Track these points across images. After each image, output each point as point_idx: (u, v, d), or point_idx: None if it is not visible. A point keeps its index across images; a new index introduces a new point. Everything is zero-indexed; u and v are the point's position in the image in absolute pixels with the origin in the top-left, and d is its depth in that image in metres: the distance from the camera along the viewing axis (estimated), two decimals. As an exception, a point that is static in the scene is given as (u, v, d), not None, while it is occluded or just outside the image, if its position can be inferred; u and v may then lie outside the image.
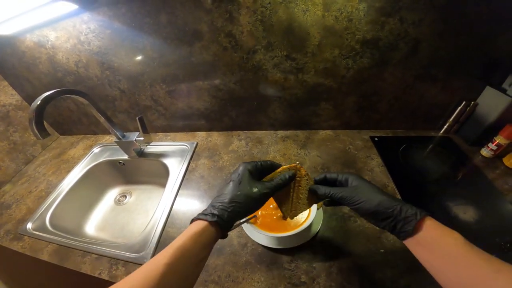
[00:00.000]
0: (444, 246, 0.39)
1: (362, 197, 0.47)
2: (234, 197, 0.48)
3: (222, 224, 0.46)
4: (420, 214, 0.42)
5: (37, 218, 0.98)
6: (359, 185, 0.50)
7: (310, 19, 0.82)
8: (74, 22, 0.95)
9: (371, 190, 0.48)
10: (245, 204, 0.48)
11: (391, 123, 1.10)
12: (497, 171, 0.89)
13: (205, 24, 0.88)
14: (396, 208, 0.43)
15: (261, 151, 1.11)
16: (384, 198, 0.45)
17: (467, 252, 0.37)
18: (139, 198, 1.23)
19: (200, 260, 0.44)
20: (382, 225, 0.45)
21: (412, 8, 0.75)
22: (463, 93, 0.95)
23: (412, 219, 0.42)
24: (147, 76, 1.08)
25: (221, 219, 0.46)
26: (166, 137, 1.32)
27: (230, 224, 0.47)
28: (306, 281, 0.66)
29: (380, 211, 0.44)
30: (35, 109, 0.74)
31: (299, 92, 1.02)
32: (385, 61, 0.88)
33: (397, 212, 0.43)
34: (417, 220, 0.41)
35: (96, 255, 0.82)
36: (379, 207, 0.45)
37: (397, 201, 0.45)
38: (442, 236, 0.41)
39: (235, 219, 0.48)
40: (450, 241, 0.39)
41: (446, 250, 0.39)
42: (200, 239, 0.44)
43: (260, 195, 0.49)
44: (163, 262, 0.39)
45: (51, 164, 1.29)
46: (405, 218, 0.42)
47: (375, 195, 0.46)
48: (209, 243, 0.45)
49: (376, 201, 0.45)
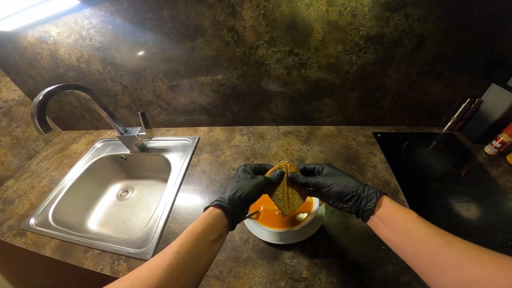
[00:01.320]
0: (400, 221, 0.43)
1: (332, 180, 0.52)
2: (235, 186, 0.54)
3: (226, 206, 0.50)
4: (379, 192, 0.48)
5: (40, 213, 0.98)
6: (331, 172, 0.56)
7: (313, 14, 0.81)
8: (76, 17, 0.95)
9: (340, 175, 0.54)
10: (245, 190, 0.52)
11: (394, 119, 1.09)
12: (501, 169, 0.88)
13: (207, 19, 0.87)
14: (360, 187, 0.49)
15: (263, 146, 1.11)
16: (350, 180, 0.51)
17: (420, 226, 0.41)
18: (141, 193, 1.23)
19: (211, 242, 0.46)
20: (349, 206, 0.50)
21: (418, 4, 0.74)
22: (468, 90, 0.94)
23: (373, 196, 0.47)
24: (149, 71, 1.08)
25: (224, 202, 0.51)
26: (168, 132, 1.32)
27: (235, 208, 0.51)
28: (307, 276, 0.66)
29: (347, 191, 0.50)
30: (37, 104, 0.74)
31: (302, 88, 1.02)
32: (389, 57, 0.87)
33: (360, 191, 0.49)
34: (377, 197, 0.47)
35: (98, 250, 0.82)
36: (346, 188, 0.50)
37: (361, 183, 0.51)
38: (398, 212, 0.45)
39: (238, 205, 0.51)
40: (405, 216, 0.44)
41: (402, 225, 0.43)
42: (208, 221, 0.48)
43: (257, 182, 0.55)
44: (177, 243, 0.44)
45: (54, 159, 1.30)
46: (367, 196, 0.48)
47: (343, 179, 0.52)
48: (217, 226, 0.48)
49: (344, 183, 0.51)
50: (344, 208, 0.52)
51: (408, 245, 0.41)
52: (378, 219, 0.46)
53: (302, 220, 0.69)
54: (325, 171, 0.57)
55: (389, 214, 0.45)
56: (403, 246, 0.42)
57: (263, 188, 0.56)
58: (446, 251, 0.37)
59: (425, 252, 0.39)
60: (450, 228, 0.70)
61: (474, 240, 0.66)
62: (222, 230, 0.49)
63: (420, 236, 0.40)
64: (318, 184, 0.54)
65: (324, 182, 0.53)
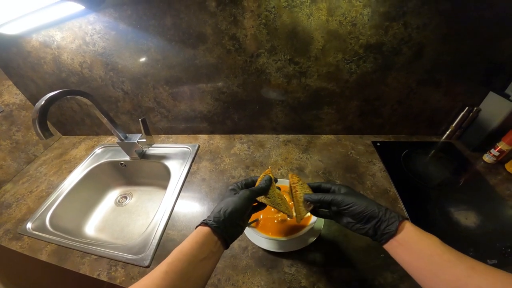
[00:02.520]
0: (422, 246, 0.43)
1: (352, 200, 0.51)
2: (221, 204, 0.54)
3: (212, 223, 0.50)
4: (401, 216, 0.47)
5: (37, 218, 0.98)
6: (349, 192, 0.55)
7: (314, 23, 0.82)
8: (80, 22, 0.96)
9: (359, 196, 0.53)
10: (230, 206, 0.52)
11: (393, 128, 1.10)
12: (499, 177, 0.88)
13: (209, 27, 0.88)
14: (381, 210, 0.48)
15: (263, 154, 1.11)
16: (371, 202, 0.51)
17: (442, 252, 0.41)
18: (140, 200, 1.23)
19: (200, 261, 0.46)
20: (366, 228, 0.50)
21: (417, 12, 0.75)
22: (466, 98, 0.95)
23: (395, 220, 0.46)
24: (150, 78, 1.09)
25: (210, 220, 0.51)
26: (168, 139, 1.33)
27: (222, 225, 0.50)
28: (306, 285, 0.66)
29: (368, 213, 0.49)
30: (39, 109, 0.74)
31: (302, 96, 1.03)
32: (389, 66, 0.88)
33: (382, 214, 0.48)
34: (399, 221, 0.46)
35: (96, 256, 0.81)
36: (366, 209, 0.49)
37: (382, 206, 0.50)
38: (420, 237, 0.44)
39: (225, 221, 0.51)
40: (428, 241, 0.43)
41: (424, 250, 0.42)
42: (196, 240, 0.48)
43: (240, 196, 0.54)
44: (166, 262, 0.44)
45: (53, 164, 1.29)
46: (388, 219, 0.47)
47: (363, 200, 0.51)
48: (205, 244, 0.48)
49: (365, 204, 0.50)
50: (360, 230, 0.51)
51: (428, 270, 0.41)
52: (397, 242, 0.46)
53: (301, 228, 0.68)
54: (343, 191, 0.56)
55: (410, 238, 0.45)
56: (422, 270, 0.42)
57: (249, 200, 0.55)
58: (467, 276, 0.36)
59: (446, 277, 0.38)
60: (449, 236, 0.71)
61: (473, 247, 0.66)
62: (213, 248, 0.48)
63: (442, 261, 0.40)
64: (335, 201, 0.53)
65: (343, 200, 0.52)
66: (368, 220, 0.49)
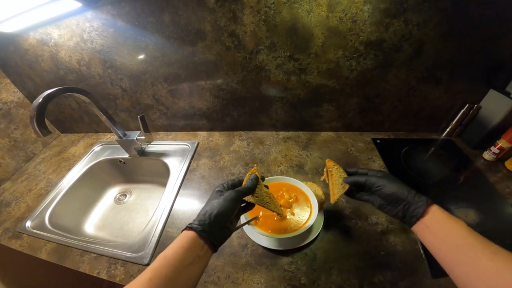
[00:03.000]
0: (447, 229, 0.44)
1: (384, 182, 0.53)
2: (205, 207, 0.53)
3: (197, 227, 0.49)
4: (429, 200, 0.48)
5: (36, 216, 0.98)
6: (383, 175, 0.56)
7: (314, 19, 0.81)
8: (78, 20, 0.95)
9: (392, 180, 0.54)
10: (215, 208, 0.51)
11: (393, 125, 1.09)
12: (499, 175, 0.88)
13: (208, 24, 0.88)
14: (411, 193, 0.50)
15: (262, 151, 1.11)
16: (402, 185, 0.52)
17: (468, 235, 0.42)
18: (139, 197, 1.23)
19: (186, 266, 0.45)
20: (396, 210, 0.51)
21: (417, 9, 0.75)
22: (466, 96, 0.94)
23: (423, 203, 0.47)
24: (149, 75, 1.08)
25: (195, 224, 0.50)
26: (167, 136, 1.32)
27: (207, 228, 0.49)
28: (306, 283, 0.66)
29: (397, 195, 0.51)
30: (37, 107, 0.74)
31: (302, 93, 1.02)
32: (389, 63, 0.88)
33: (411, 197, 0.49)
34: (427, 204, 0.47)
35: (95, 254, 0.81)
36: (397, 191, 0.51)
37: (413, 190, 0.51)
38: (447, 221, 0.45)
39: (211, 224, 0.50)
40: (454, 224, 0.44)
41: (449, 233, 0.44)
42: (181, 245, 0.47)
43: (225, 197, 0.53)
44: (150, 269, 0.43)
45: (52, 162, 1.29)
46: (417, 202, 0.48)
47: (394, 182, 0.53)
48: (191, 248, 0.47)
49: (396, 187, 0.52)
50: (390, 211, 0.52)
51: (450, 251, 0.42)
52: (424, 225, 0.47)
53: (301, 225, 0.68)
54: (378, 174, 0.57)
55: (436, 221, 0.46)
56: (445, 252, 0.43)
57: (235, 201, 0.54)
58: (489, 259, 0.37)
59: (467, 258, 0.39)
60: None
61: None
62: (200, 252, 0.47)
63: (465, 244, 0.41)
64: (368, 182, 0.55)
65: (376, 181, 0.54)
66: (397, 202, 0.51)
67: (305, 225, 0.67)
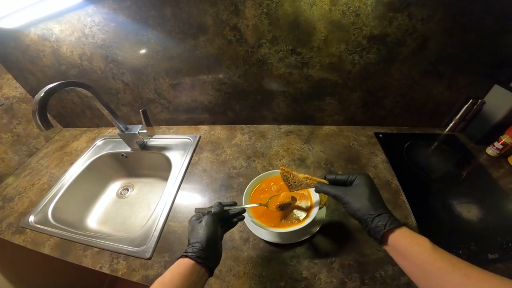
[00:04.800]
0: (414, 253, 0.42)
1: (350, 199, 0.51)
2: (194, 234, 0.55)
3: (193, 255, 0.50)
4: (390, 225, 0.45)
5: (39, 211, 0.98)
6: (358, 185, 0.53)
7: (316, 13, 0.80)
8: (79, 15, 0.94)
9: (361, 195, 0.51)
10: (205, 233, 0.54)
11: (396, 120, 1.09)
12: (502, 170, 0.88)
13: (210, 17, 0.87)
14: (370, 217, 0.47)
15: (264, 145, 1.11)
16: (367, 205, 0.49)
17: (434, 259, 0.39)
18: (141, 191, 1.23)
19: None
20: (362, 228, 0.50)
21: (421, 4, 0.74)
22: (470, 91, 0.93)
23: (381, 229, 0.45)
24: (151, 69, 1.08)
25: (190, 252, 0.51)
26: (169, 130, 1.32)
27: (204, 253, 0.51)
28: (307, 276, 0.66)
29: (357, 216, 0.49)
30: (39, 101, 0.74)
31: (304, 87, 1.02)
32: (392, 57, 0.87)
33: (369, 221, 0.47)
34: (384, 231, 0.45)
35: (98, 248, 0.82)
36: (358, 212, 0.49)
37: (377, 211, 0.48)
38: (411, 244, 0.43)
39: (205, 249, 0.52)
40: (418, 248, 0.42)
41: (416, 257, 0.42)
42: (178, 271, 0.48)
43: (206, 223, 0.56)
44: None
45: (54, 157, 1.29)
46: (375, 227, 0.46)
47: (361, 200, 0.50)
48: (187, 274, 0.48)
49: (358, 206, 0.49)
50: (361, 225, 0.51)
51: (422, 277, 0.41)
52: (390, 247, 0.46)
53: (302, 219, 0.68)
54: (355, 183, 0.54)
55: (401, 244, 0.44)
56: (416, 277, 0.42)
57: (214, 223, 0.56)
58: (461, 284, 0.36)
59: (439, 282, 0.38)
60: (451, 229, 0.71)
61: (475, 241, 0.66)
62: (196, 278, 0.48)
63: (434, 269, 0.39)
64: (336, 196, 0.54)
65: (342, 197, 0.52)
66: (360, 222, 0.50)
67: (306, 219, 0.67)
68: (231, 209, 0.64)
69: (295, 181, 0.64)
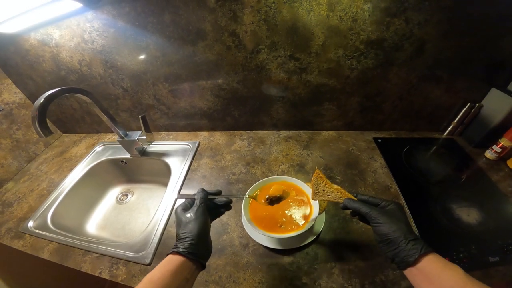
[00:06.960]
0: (444, 278, 0.41)
1: (384, 220, 0.49)
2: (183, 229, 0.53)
3: (184, 251, 0.49)
4: (426, 249, 0.45)
5: (39, 216, 0.98)
6: (391, 210, 0.52)
7: (314, 19, 0.81)
8: (78, 20, 0.95)
9: (398, 218, 0.50)
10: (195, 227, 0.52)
11: (394, 124, 1.09)
12: (501, 173, 0.88)
13: (208, 23, 0.88)
14: (407, 238, 0.46)
15: (263, 151, 1.11)
16: (403, 228, 0.48)
17: (465, 283, 0.39)
18: (140, 197, 1.23)
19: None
20: (388, 250, 0.48)
21: (418, 8, 0.75)
22: (468, 94, 0.94)
23: (416, 252, 0.44)
24: (150, 75, 1.08)
25: (181, 247, 0.50)
26: (169, 136, 1.32)
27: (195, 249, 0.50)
28: (307, 282, 0.66)
29: (391, 237, 0.48)
30: (38, 107, 0.74)
31: (303, 92, 1.02)
32: (390, 62, 0.88)
33: (404, 244, 0.46)
34: (420, 254, 0.44)
35: (97, 254, 0.81)
36: (392, 233, 0.48)
37: (412, 235, 0.47)
38: (443, 269, 0.42)
39: (197, 244, 0.51)
40: (450, 273, 0.41)
41: (446, 281, 0.41)
42: (168, 268, 0.47)
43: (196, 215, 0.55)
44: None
45: (54, 162, 1.29)
46: (410, 249, 0.45)
47: (397, 223, 0.49)
48: (177, 271, 0.47)
49: (394, 228, 0.48)
50: (383, 249, 0.50)
51: None
52: (417, 271, 0.45)
53: (302, 225, 0.68)
54: (388, 207, 0.53)
55: (432, 269, 0.43)
56: None
57: (204, 214, 0.55)
58: None
59: None
60: (451, 233, 0.71)
61: (475, 244, 0.66)
62: (188, 274, 0.48)
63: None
64: (368, 214, 0.52)
65: (376, 217, 0.51)
66: (390, 244, 0.48)
67: (306, 225, 0.67)
68: (215, 198, 0.62)
69: (325, 190, 0.61)
